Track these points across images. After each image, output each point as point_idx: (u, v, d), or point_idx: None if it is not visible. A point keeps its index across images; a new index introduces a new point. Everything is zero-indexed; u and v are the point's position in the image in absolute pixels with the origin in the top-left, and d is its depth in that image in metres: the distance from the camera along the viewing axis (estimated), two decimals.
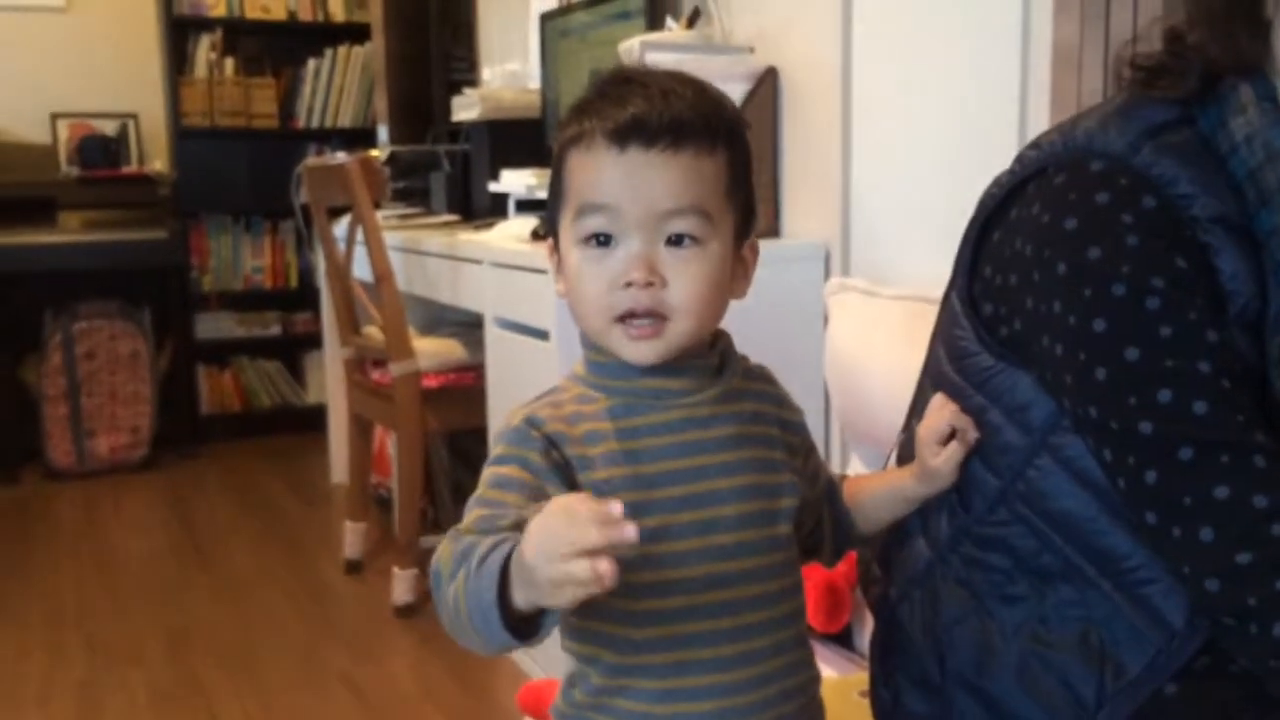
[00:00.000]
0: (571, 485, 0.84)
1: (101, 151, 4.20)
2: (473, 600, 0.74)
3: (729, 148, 0.87)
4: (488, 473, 0.85)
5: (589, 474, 0.85)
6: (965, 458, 0.95)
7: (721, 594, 0.86)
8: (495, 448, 0.87)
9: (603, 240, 0.85)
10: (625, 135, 0.83)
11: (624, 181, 0.84)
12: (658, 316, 0.85)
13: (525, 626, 0.74)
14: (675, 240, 0.85)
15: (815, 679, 0.95)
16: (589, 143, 0.85)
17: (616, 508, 0.67)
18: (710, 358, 0.91)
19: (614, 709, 0.88)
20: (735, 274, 0.90)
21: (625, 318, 0.85)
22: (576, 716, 0.91)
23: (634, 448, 0.86)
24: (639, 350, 0.86)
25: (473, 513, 0.82)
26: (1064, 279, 0.84)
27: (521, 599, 0.72)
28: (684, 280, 0.85)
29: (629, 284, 0.84)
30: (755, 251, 0.93)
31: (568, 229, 0.88)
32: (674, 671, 0.86)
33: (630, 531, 0.66)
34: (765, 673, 0.88)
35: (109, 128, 4.35)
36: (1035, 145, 0.94)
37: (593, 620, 0.87)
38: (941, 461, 0.95)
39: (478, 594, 0.74)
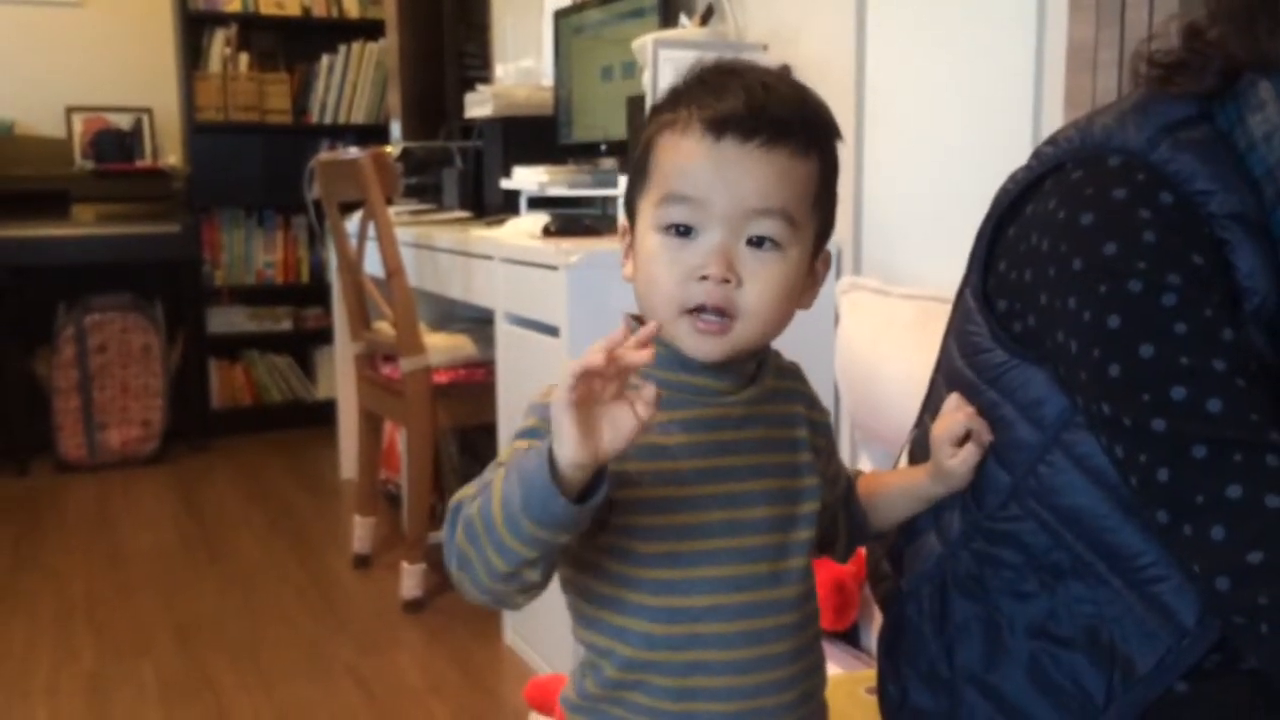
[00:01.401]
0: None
1: (116, 145, 4.22)
2: (514, 490, 0.75)
3: (822, 155, 0.87)
4: (514, 442, 0.84)
5: (619, 463, 0.82)
6: (980, 459, 0.94)
7: (744, 596, 0.86)
8: (526, 419, 0.86)
9: (683, 230, 0.84)
10: (722, 125, 0.82)
11: (714, 173, 0.83)
12: (727, 315, 0.84)
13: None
14: (756, 242, 0.84)
15: (825, 681, 0.95)
16: (684, 128, 0.84)
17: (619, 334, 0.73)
18: (751, 360, 0.90)
19: (627, 702, 0.87)
20: (805, 284, 0.89)
21: (695, 310, 0.84)
22: (588, 708, 0.90)
23: (667, 442, 0.85)
24: (704, 345, 0.84)
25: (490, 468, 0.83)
26: (1079, 274, 0.84)
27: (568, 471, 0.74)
28: (759, 283, 0.84)
29: (704, 277, 0.83)
30: (827, 264, 0.92)
31: (648, 212, 0.86)
32: (691, 670, 0.85)
33: (638, 348, 0.72)
34: (784, 677, 0.88)
35: (123, 122, 4.36)
36: (1052, 141, 0.94)
37: (613, 612, 0.87)
38: (957, 462, 0.94)
39: (525, 476, 0.75)
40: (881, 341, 1.67)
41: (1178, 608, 0.85)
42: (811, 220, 0.87)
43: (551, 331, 2.16)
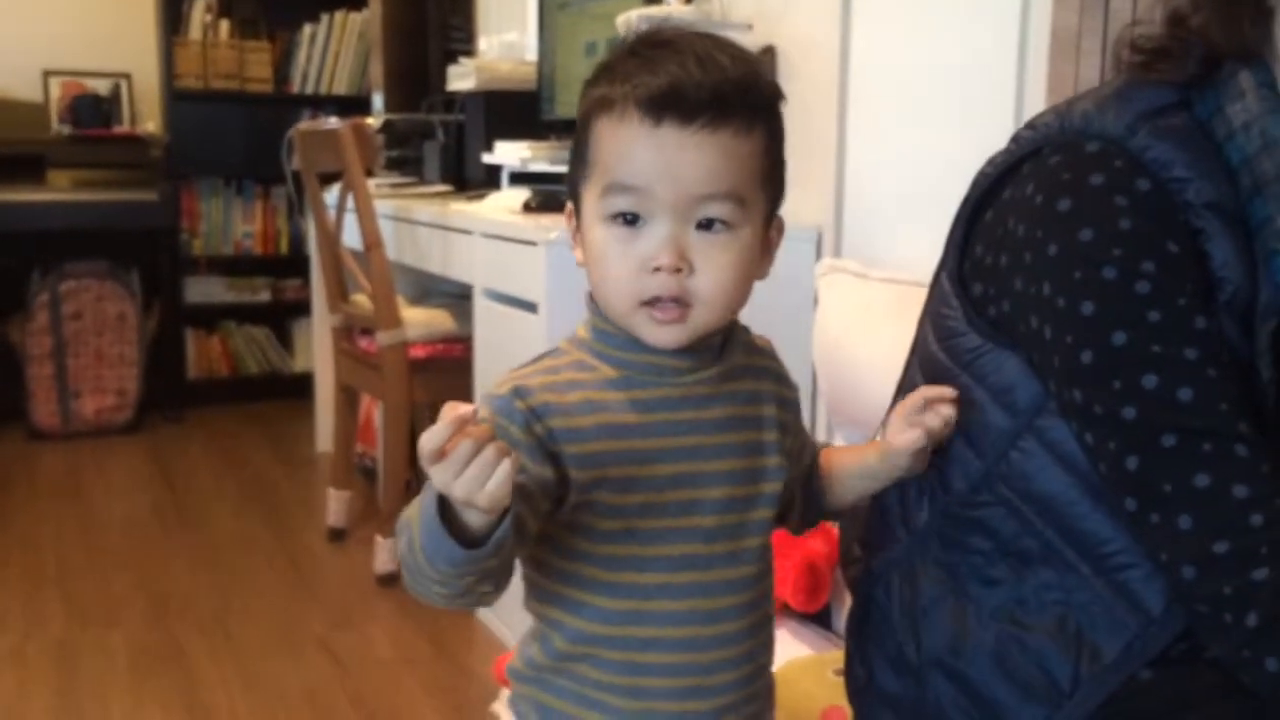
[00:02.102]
0: (551, 457, 0.82)
1: (93, 111, 4.17)
2: (419, 536, 0.75)
3: (767, 126, 0.85)
4: None
5: (580, 445, 0.83)
6: (934, 450, 0.94)
7: (699, 575, 0.86)
8: (480, 409, 0.84)
9: (630, 219, 0.82)
10: (660, 108, 0.79)
11: (657, 161, 0.80)
12: (683, 303, 0.82)
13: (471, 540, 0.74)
14: (706, 224, 0.82)
15: (773, 658, 0.95)
16: (621, 112, 0.81)
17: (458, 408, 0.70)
18: (714, 337, 0.88)
19: (575, 674, 0.87)
20: (761, 255, 0.87)
21: (651, 302, 0.83)
22: (534, 678, 0.90)
23: (629, 421, 0.85)
24: (663, 334, 0.84)
25: None
26: (1055, 260, 0.84)
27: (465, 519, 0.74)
28: (712, 268, 0.82)
29: (657, 269, 0.81)
30: (781, 230, 0.90)
31: (592, 202, 0.84)
32: (643, 646, 0.86)
33: (462, 413, 0.69)
34: (737, 655, 0.88)
35: (102, 87, 4.31)
36: (1031, 126, 0.93)
37: (567, 586, 0.87)
38: (903, 441, 0.93)
39: (425, 522, 0.74)
40: (860, 325, 1.67)
41: (1145, 595, 0.85)
42: (761, 195, 0.85)
43: (530, 308, 2.15)
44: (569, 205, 0.90)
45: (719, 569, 0.87)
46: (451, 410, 0.70)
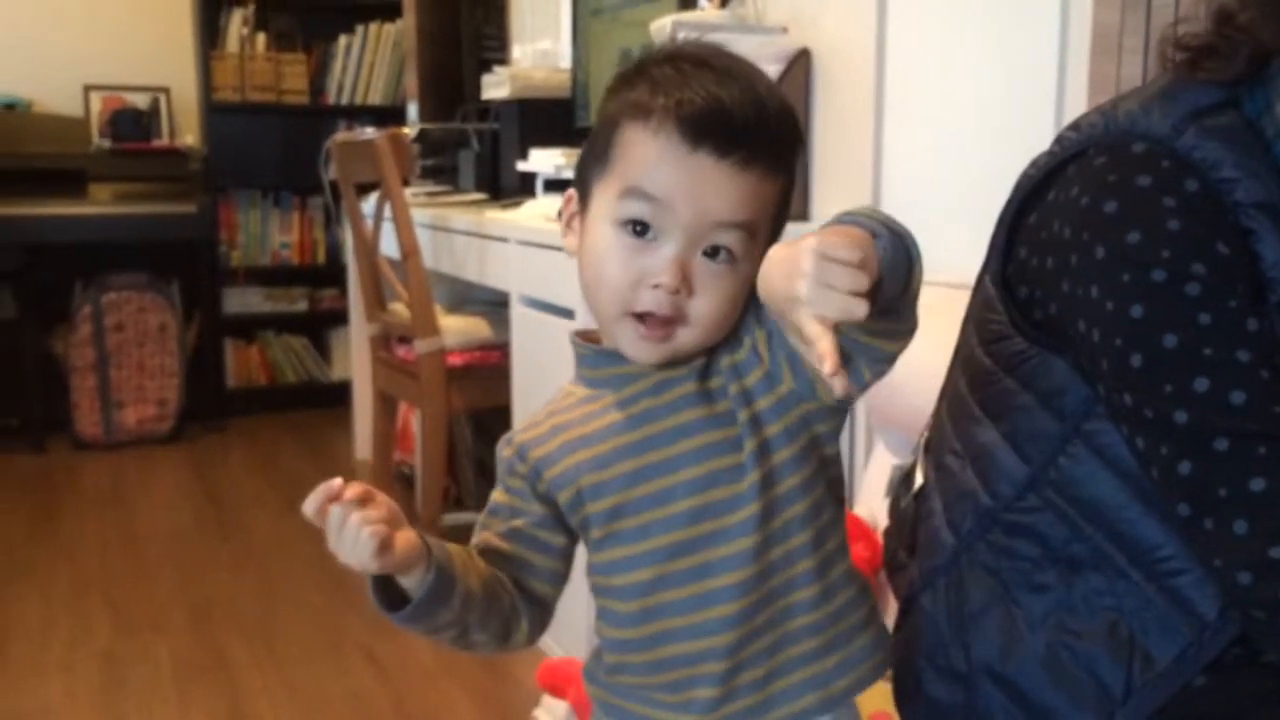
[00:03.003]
0: (542, 495, 0.88)
1: (133, 124, 4.22)
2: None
3: (788, 173, 0.85)
4: (490, 497, 0.93)
5: (552, 469, 0.87)
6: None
7: (691, 559, 0.85)
8: (500, 450, 0.92)
9: (640, 230, 0.82)
10: (700, 133, 0.80)
11: (684, 182, 0.80)
12: (672, 322, 0.82)
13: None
14: (711, 252, 0.82)
15: (848, 608, 0.88)
16: (658, 125, 0.81)
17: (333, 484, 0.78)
18: (696, 358, 0.87)
19: (624, 678, 0.90)
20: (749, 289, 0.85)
21: (641, 316, 0.82)
22: (601, 681, 0.92)
23: (587, 431, 0.87)
24: (643, 350, 0.83)
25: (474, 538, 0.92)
26: (1102, 263, 0.82)
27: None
28: (711, 294, 0.82)
29: (656, 286, 0.81)
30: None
31: (606, 201, 0.84)
32: (657, 642, 0.86)
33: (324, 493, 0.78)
34: (761, 624, 0.85)
35: (141, 101, 4.36)
36: (1075, 127, 0.92)
37: (596, 597, 0.90)
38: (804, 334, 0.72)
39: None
40: None
41: (1198, 601, 0.84)
42: (769, 230, 0.86)
43: (566, 314, 2.15)
44: (570, 191, 0.90)
45: (709, 549, 0.84)
46: (324, 484, 0.77)
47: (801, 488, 0.85)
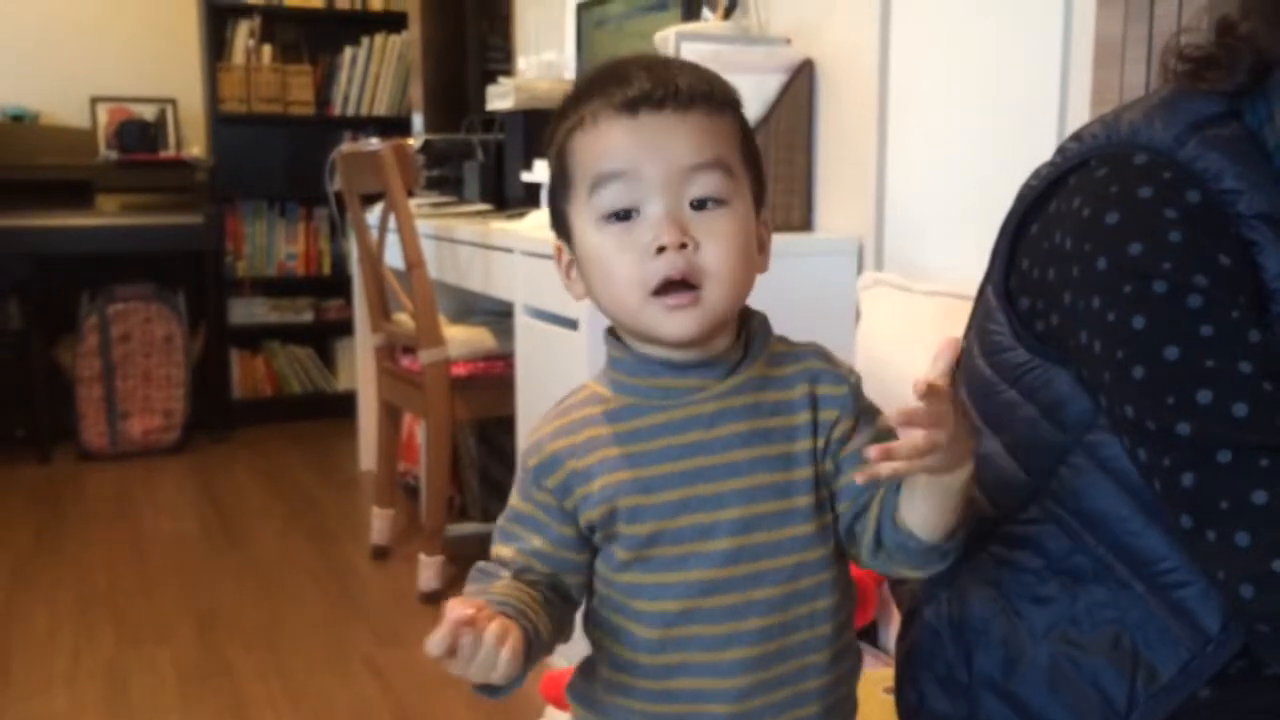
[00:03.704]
0: (569, 514, 0.86)
1: (140, 136, 4.24)
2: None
3: (734, 113, 0.86)
4: (512, 497, 0.90)
5: (586, 486, 0.85)
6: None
7: (722, 599, 0.84)
8: (518, 471, 0.90)
9: (623, 215, 0.82)
10: (635, 103, 0.81)
11: (640, 144, 0.81)
12: (693, 285, 0.81)
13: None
14: (699, 205, 0.82)
15: (849, 675, 0.91)
16: (594, 120, 0.83)
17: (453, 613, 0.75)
18: (733, 352, 0.87)
19: (620, 699, 0.88)
20: (755, 238, 0.86)
21: (662, 290, 0.81)
22: (589, 699, 0.91)
23: (633, 451, 0.85)
24: (678, 322, 0.82)
25: (495, 543, 0.89)
26: (1104, 274, 0.82)
27: None
28: (715, 242, 0.81)
29: (661, 249, 0.80)
30: (769, 227, 0.90)
31: (582, 213, 0.84)
32: (669, 673, 0.85)
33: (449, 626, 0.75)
34: (773, 678, 0.85)
35: (148, 112, 4.38)
36: (1077, 137, 0.92)
37: (608, 611, 0.88)
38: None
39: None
40: (903, 338, 1.66)
41: (1202, 614, 0.84)
42: (746, 174, 0.85)
43: (571, 325, 2.15)
44: (555, 242, 0.90)
45: (746, 591, 0.84)
46: (451, 610, 0.75)
47: (835, 551, 0.88)
